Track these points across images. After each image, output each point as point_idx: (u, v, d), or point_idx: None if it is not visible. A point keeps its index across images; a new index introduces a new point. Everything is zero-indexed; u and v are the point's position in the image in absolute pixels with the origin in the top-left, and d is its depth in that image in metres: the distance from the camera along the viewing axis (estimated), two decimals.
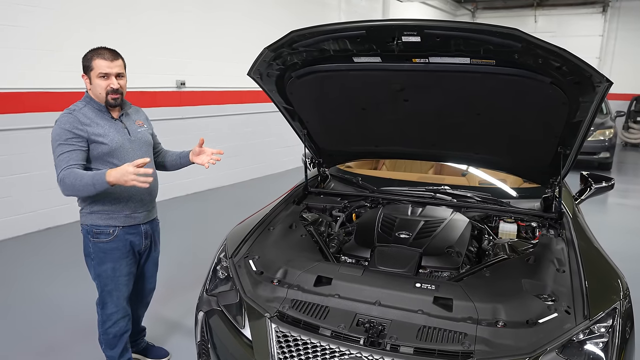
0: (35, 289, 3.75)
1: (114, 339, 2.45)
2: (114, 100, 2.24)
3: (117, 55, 2.25)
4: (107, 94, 2.22)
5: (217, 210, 3.98)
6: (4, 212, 4.78)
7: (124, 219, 2.34)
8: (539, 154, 2.39)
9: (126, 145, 2.30)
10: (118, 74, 2.23)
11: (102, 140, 2.21)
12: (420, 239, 2.28)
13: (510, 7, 14.82)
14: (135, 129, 2.39)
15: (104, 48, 2.23)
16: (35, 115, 4.84)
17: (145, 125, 2.48)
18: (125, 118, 2.37)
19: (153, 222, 2.54)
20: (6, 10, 4.53)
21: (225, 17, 7.03)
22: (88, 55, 2.21)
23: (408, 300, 1.84)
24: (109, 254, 2.33)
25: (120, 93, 2.26)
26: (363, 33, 1.86)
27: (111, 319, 2.41)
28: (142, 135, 2.41)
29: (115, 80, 2.22)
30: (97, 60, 2.18)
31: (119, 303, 2.40)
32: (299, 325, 1.80)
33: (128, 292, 2.45)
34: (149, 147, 2.46)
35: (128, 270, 2.41)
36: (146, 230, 2.45)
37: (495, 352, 1.63)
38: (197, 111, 6.79)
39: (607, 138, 8.87)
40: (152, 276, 2.67)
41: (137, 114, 2.48)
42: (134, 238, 2.40)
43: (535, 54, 1.74)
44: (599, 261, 2.13)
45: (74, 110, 2.22)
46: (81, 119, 2.19)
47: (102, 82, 2.20)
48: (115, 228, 2.32)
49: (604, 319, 1.73)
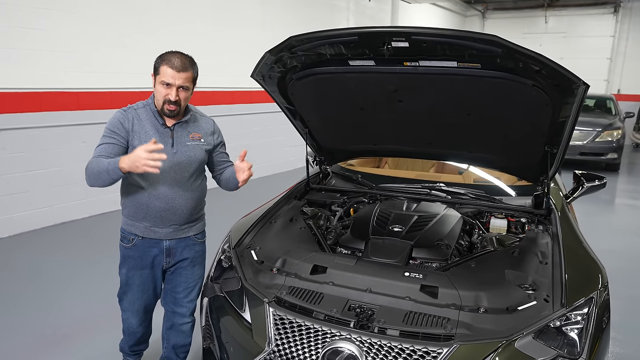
0: (50, 281, 3.94)
1: (128, 329, 2.51)
2: (169, 111, 2.15)
3: (187, 66, 2.12)
4: (164, 103, 2.13)
5: (225, 207, 4.14)
6: (23, 206, 5.00)
7: (143, 230, 2.24)
8: (528, 153, 2.50)
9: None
10: (181, 86, 2.11)
11: (137, 144, 2.10)
12: (412, 232, 2.41)
13: (521, 8, 14.82)
14: (184, 142, 2.23)
15: (179, 54, 2.13)
16: (53, 115, 5.04)
17: (203, 140, 2.28)
18: (180, 127, 2.23)
19: (185, 240, 2.32)
20: (30, 14, 4.75)
21: (235, 19, 7.20)
22: (160, 57, 2.14)
23: (397, 287, 1.97)
24: (126, 260, 2.31)
25: (179, 105, 2.14)
26: (356, 39, 2.00)
27: (125, 314, 2.44)
28: (189, 150, 2.23)
29: (175, 92, 2.10)
30: (164, 67, 2.09)
31: (131, 305, 2.38)
32: (295, 310, 1.94)
33: (142, 303, 2.36)
34: (193, 163, 2.25)
35: (140, 282, 2.31)
36: (169, 247, 2.28)
37: (475, 336, 1.75)
38: (206, 111, 6.91)
39: (615, 139, 8.89)
40: (183, 300, 2.40)
41: (200, 124, 2.30)
42: (153, 253, 2.28)
43: (516, 58, 1.87)
44: (582, 255, 2.23)
45: (130, 108, 2.21)
46: (129, 117, 2.16)
47: (163, 89, 2.11)
48: (135, 237, 2.25)
49: (580, 307, 1.84)
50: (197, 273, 2.43)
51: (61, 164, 5.19)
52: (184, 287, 2.39)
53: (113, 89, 5.47)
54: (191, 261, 2.38)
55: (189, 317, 2.46)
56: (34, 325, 3.26)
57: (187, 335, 2.49)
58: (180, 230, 2.30)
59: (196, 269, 2.42)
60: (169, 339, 2.49)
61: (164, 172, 2.12)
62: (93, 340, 3.09)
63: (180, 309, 2.43)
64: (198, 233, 2.40)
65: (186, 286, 2.40)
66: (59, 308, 3.49)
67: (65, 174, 5.24)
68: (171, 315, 2.45)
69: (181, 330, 2.47)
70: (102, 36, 5.33)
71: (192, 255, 2.38)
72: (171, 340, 2.49)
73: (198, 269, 2.43)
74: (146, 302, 2.39)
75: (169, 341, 2.50)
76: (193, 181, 2.28)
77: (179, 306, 2.42)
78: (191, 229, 2.35)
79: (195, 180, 2.29)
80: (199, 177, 2.32)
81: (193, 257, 2.38)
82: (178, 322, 2.45)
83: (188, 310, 2.45)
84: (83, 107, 5.27)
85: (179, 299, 2.41)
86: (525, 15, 14.88)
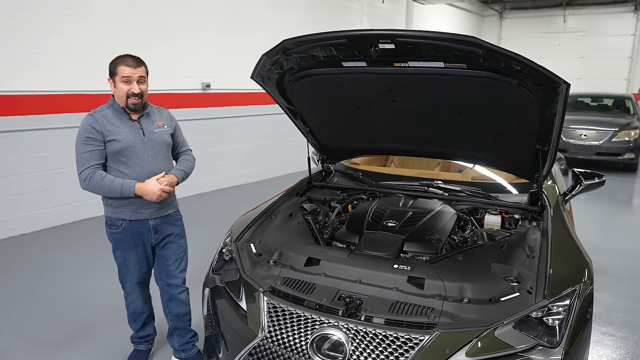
0: (69, 275, 4.14)
1: (133, 315, 2.80)
2: (134, 105, 2.44)
3: (140, 62, 2.45)
4: (128, 97, 2.41)
5: (237, 205, 4.28)
6: (44, 204, 5.24)
7: (130, 213, 2.52)
8: (521, 151, 2.56)
9: (137, 145, 2.47)
10: (140, 78, 2.42)
11: (114, 138, 2.41)
12: (405, 227, 2.48)
13: (539, 7, 14.67)
14: (152, 130, 2.54)
15: (129, 55, 2.44)
16: (73, 116, 5.26)
17: (166, 126, 2.61)
18: (145, 119, 2.54)
19: (166, 218, 2.64)
20: (56, 21, 4.97)
21: (249, 22, 7.36)
22: (114, 61, 2.43)
23: (385, 279, 2.06)
24: (119, 243, 2.59)
25: (141, 97, 2.44)
26: (345, 41, 2.09)
27: (129, 298, 2.75)
28: (157, 136, 2.55)
29: (137, 85, 2.41)
30: (121, 66, 2.39)
31: (132, 286, 2.69)
32: (288, 299, 2.04)
33: (140, 278, 2.68)
34: (164, 146, 2.59)
35: (137, 260, 2.62)
36: (155, 225, 2.59)
37: (457, 324, 1.83)
38: (221, 112, 7.15)
39: (632, 139, 8.74)
40: (175, 271, 2.71)
41: (159, 114, 2.63)
42: (142, 232, 2.57)
43: (497, 58, 1.93)
44: (570, 250, 2.28)
45: (95, 111, 2.46)
46: (99, 119, 2.42)
47: (125, 86, 2.40)
48: (123, 221, 2.53)
49: (561, 299, 1.90)
50: (183, 245, 2.76)
51: None
52: (174, 259, 2.71)
53: None
54: (176, 235, 2.71)
55: (183, 286, 2.78)
56: (53, 315, 3.44)
57: (186, 303, 2.80)
58: (161, 209, 2.60)
59: (182, 241, 2.76)
60: (171, 310, 2.78)
61: (143, 158, 2.49)
62: (108, 332, 3.25)
63: (174, 280, 2.73)
64: (176, 210, 2.73)
65: (176, 258, 2.72)
66: (77, 300, 3.66)
67: None
68: (167, 288, 2.75)
69: (179, 299, 2.76)
70: (119, 40, 5.56)
71: (177, 230, 2.71)
72: (173, 311, 2.78)
73: (183, 241, 2.77)
74: (144, 277, 2.71)
75: (171, 312, 2.79)
76: (166, 162, 2.61)
77: (172, 278, 2.73)
78: (169, 207, 2.66)
79: (167, 161, 2.63)
80: (168, 157, 2.66)
81: (177, 232, 2.72)
82: (175, 292, 2.74)
83: (181, 280, 2.77)
84: None
85: (171, 271, 2.72)
86: (544, 15, 14.72)
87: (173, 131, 2.68)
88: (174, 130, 2.70)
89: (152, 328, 2.91)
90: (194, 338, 2.89)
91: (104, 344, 3.08)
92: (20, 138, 4.97)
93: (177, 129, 2.73)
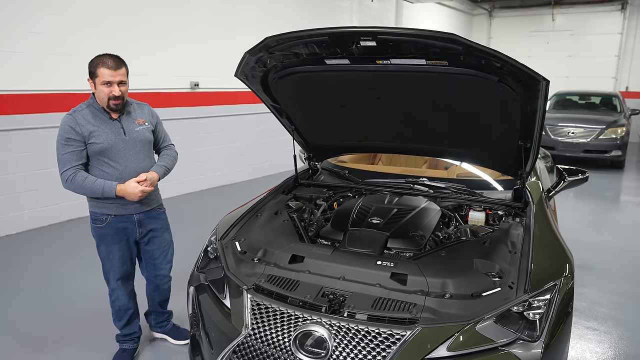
0: (55, 276, 4.10)
1: (118, 312, 2.81)
2: (115, 106, 2.47)
3: (120, 63, 2.44)
4: (109, 99, 2.43)
5: (225, 204, 4.26)
6: (31, 204, 5.20)
7: (115, 208, 2.58)
8: (504, 147, 2.57)
9: (119, 145, 2.51)
10: (120, 81, 2.44)
11: (95, 140, 2.45)
12: (390, 224, 2.50)
13: (528, 6, 14.76)
14: (133, 128, 2.57)
15: (109, 56, 2.43)
16: (56, 115, 5.16)
17: (147, 123, 2.65)
18: (125, 117, 2.56)
19: (150, 212, 2.72)
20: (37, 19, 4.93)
21: (237, 21, 7.34)
22: (94, 61, 2.42)
23: (368, 275, 2.07)
24: (103, 238, 2.63)
25: (122, 99, 2.47)
26: (326, 39, 2.10)
27: (113, 294, 2.77)
28: (138, 134, 2.59)
29: (117, 88, 2.42)
30: (102, 69, 2.39)
31: (115, 281, 2.72)
32: (271, 296, 2.04)
33: (123, 273, 2.72)
34: (145, 144, 2.63)
35: (121, 254, 2.67)
36: (140, 219, 2.66)
37: (438, 319, 1.84)
38: (210, 111, 7.13)
39: (619, 136, 8.84)
40: (162, 263, 2.85)
41: (140, 111, 2.64)
42: (127, 226, 2.64)
43: (477, 55, 1.95)
44: (552, 246, 2.30)
45: (75, 111, 2.47)
46: (79, 120, 2.44)
47: (105, 88, 2.41)
48: (107, 216, 2.59)
49: (542, 294, 1.92)
50: (167, 238, 2.86)
51: None
52: (160, 252, 2.83)
53: None
54: (160, 228, 2.80)
55: (168, 276, 2.94)
56: (36, 319, 3.41)
57: (168, 290, 3.00)
58: (145, 204, 2.67)
59: (166, 234, 2.85)
60: (154, 298, 2.96)
61: (125, 157, 2.53)
62: (94, 332, 3.23)
63: (161, 272, 2.87)
64: (159, 204, 2.81)
65: (162, 251, 2.83)
66: (63, 302, 3.64)
67: None
68: (153, 279, 2.88)
69: (164, 289, 2.95)
70: (106, 39, 5.51)
71: (160, 224, 2.80)
72: (156, 299, 2.97)
73: (167, 234, 2.86)
74: (128, 272, 2.75)
75: (153, 300, 2.97)
76: (148, 160, 2.67)
77: (159, 269, 2.86)
78: (152, 201, 2.73)
79: (149, 158, 2.69)
80: (150, 154, 2.72)
81: (161, 226, 2.81)
82: (161, 282, 2.90)
83: (167, 271, 2.91)
84: None
85: (158, 264, 2.84)
86: (533, 14, 14.82)
87: (154, 127, 2.72)
88: (155, 127, 2.74)
89: (138, 326, 2.91)
90: (169, 316, 3.10)
91: (91, 344, 3.06)
92: (5, 138, 4.92)
93: (158, 124, 2.76)
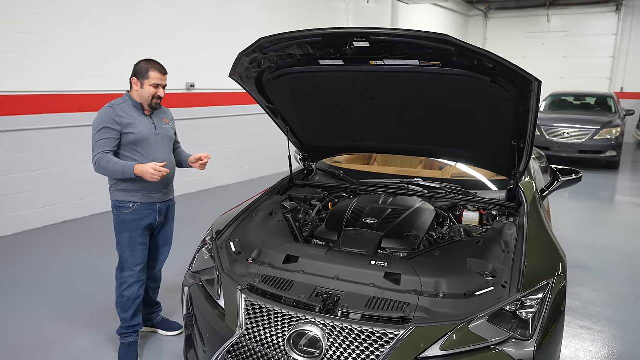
0: (50, 277, 4.09)
1: (127, 302, 2.85)
2: (156, 105, 2.77)
3: (166, 71, 2.79)
4: (153, 98, 2.73)
5: (221, 205, 4.26)
6: (25, 205, 5.17)
7: (141, 197, 2.78)
8: (497, 148, 2.59)
9: (151, 138, 2.76)
10: (165, 85, 2.78)
11: (131, 131, 2.69)
12: (384, 224, 2.50)
13: (523, 7, 14.83)
14: (162, 125, 2.85)
15: (156, 62, 2.75)
16: (54, 117, 5.19)
17: (170, 124, 2.95)
18: (155, 116, 2.84)
19: (168, 202, 2.96)
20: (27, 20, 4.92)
21: (233, 21, 7.33)
22: (144, 65, 2.71)
23: (362, 275, 2.07)
24: (127, 224, 2.79)
25: (161, 99, 2.79)
26: (320, 39, 2.10)
27: (127, 282, 2.83)
28: (166, 131, 2.87)
29: (163, 90, 2.76)
30: (154, 72, 2.70)
31: (134, 269, 2.83)
32: (265, 296, 2.05)
33: (142, 260, 2.87)
34: (170, 141, 2.93)
35: (142, 240, 2.85)
36: (161, 208, 2.89)
37: (432, 319, 1.85)
38: (206, 112, 7.12)
39: (614, 137, 8.89)
40: (162, 248, 3.06)
41: (165, 114, 2.94)
42: (150, 213, 2.83)
43: (470, 56, 1.96)
44: (545, 245, 2.31)
45: (114, 104, 2.71)
46: (118, 112, 2.68)
47: (153, 89, 2.71)
48: (134, 203, 2.78)
49: (535, 293, 1.93)
50: (172, 227, 3.10)
51: (62, 165, 5.35)
52: (164, 240, 3.06)
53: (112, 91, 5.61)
54: (170, 218, 3.04)
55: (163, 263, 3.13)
56: (35, 320, 3.40)
57: (161, 277, 3.19)
58: (166, 194, 2.92)
59: (172, 224, 3.09)
60: (148, 284, 3.06)
61: (155, 149, 2.79)
62: (89, 333, 3.22)
63: (161, 257, 3.09)
64: (174, 196, 3.05)
65: (166, 239, 3.07)
66: (58, 303, 3.63)
67: (66, 174, 5.41)
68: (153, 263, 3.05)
69: (158, 276, 3.15)
70: (101, 40, 5.50)
71: (172, 214, 3.05)
72: (150, 286, 3.11)
73: (173, 225, 3.10)
74: (146, 258, 2.92)
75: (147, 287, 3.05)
76: (170, 154, 2.92)
77: (160, 255, 3.07)
78: (171, 193, 2.99)
79: (171, 153, 2.94)
80: (171, 150, 2.97)
81: (172, 216, 3.05)
82: (157, 268, 3.10)
83: (165, 258, 3.12)
84: (84, 109, 5.41)
85: (159, 249, 3.05)
86: (528, 15, 14.88)
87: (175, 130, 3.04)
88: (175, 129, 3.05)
89: (141, 317, 2.97)
90: (159, 308, 3.24)
91: (89, 344, 3.06)
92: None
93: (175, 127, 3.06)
